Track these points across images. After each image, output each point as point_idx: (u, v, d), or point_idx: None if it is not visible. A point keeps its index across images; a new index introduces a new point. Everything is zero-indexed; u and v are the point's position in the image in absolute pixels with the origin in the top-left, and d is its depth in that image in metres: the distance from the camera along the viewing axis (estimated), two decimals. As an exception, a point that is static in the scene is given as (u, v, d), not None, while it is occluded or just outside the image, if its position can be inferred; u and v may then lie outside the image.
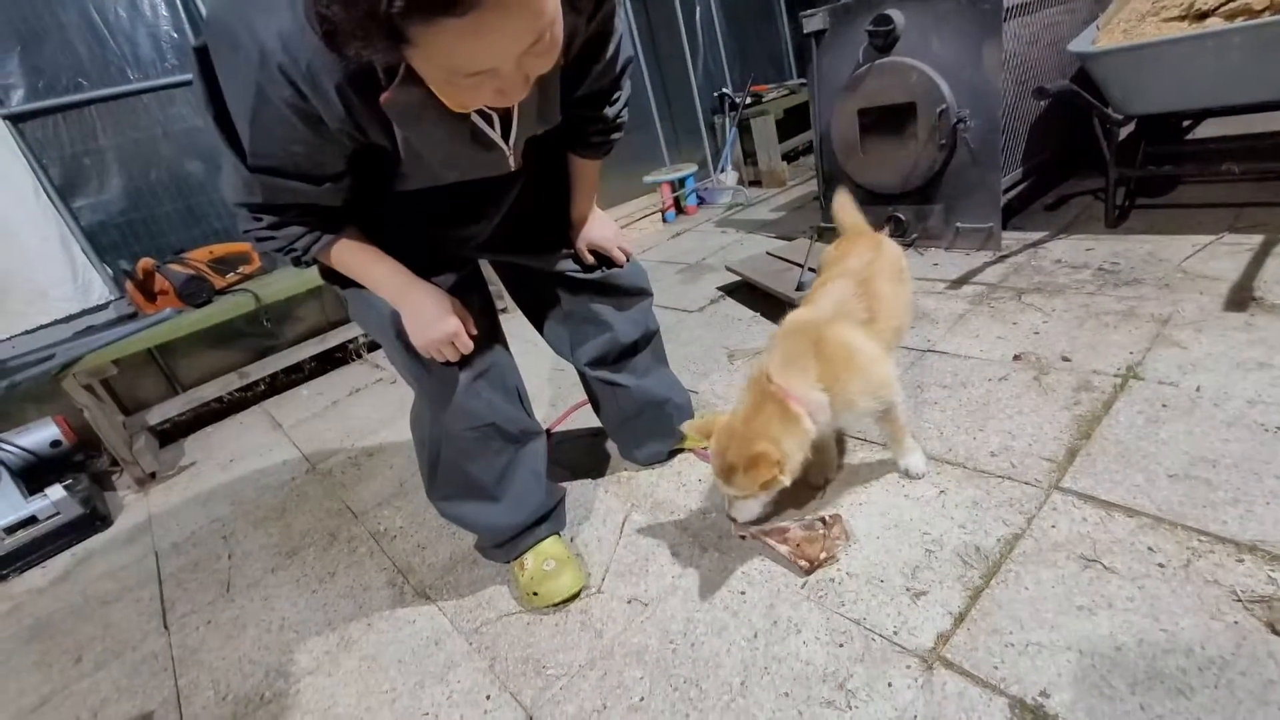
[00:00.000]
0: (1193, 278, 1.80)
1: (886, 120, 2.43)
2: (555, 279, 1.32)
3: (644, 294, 1.41)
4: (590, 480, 1.64)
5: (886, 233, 1.55)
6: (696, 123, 4.43)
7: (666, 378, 1.54)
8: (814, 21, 2.53)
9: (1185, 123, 2.71)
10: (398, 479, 1.91)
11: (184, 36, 2.55)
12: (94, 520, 2.10)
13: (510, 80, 0.70)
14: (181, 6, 2.54)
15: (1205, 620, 0.93)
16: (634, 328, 1.40)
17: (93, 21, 2.40)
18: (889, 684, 0.96)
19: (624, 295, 1.37)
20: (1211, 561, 1.01)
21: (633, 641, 1.16)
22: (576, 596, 1.29)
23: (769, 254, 2.62)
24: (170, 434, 2.73)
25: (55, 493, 2.03)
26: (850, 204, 1.57)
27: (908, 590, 1.11)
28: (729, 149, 4.32)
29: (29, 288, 2.39)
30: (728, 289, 2.69)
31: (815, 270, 1.63)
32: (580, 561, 1.37)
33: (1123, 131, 2.19)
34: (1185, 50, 1.82)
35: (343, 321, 3.02)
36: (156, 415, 2.55)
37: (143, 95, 2.52)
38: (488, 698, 1.13)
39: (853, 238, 1.45)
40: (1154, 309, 1.71)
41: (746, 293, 2.58)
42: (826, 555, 1.20)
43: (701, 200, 4.31)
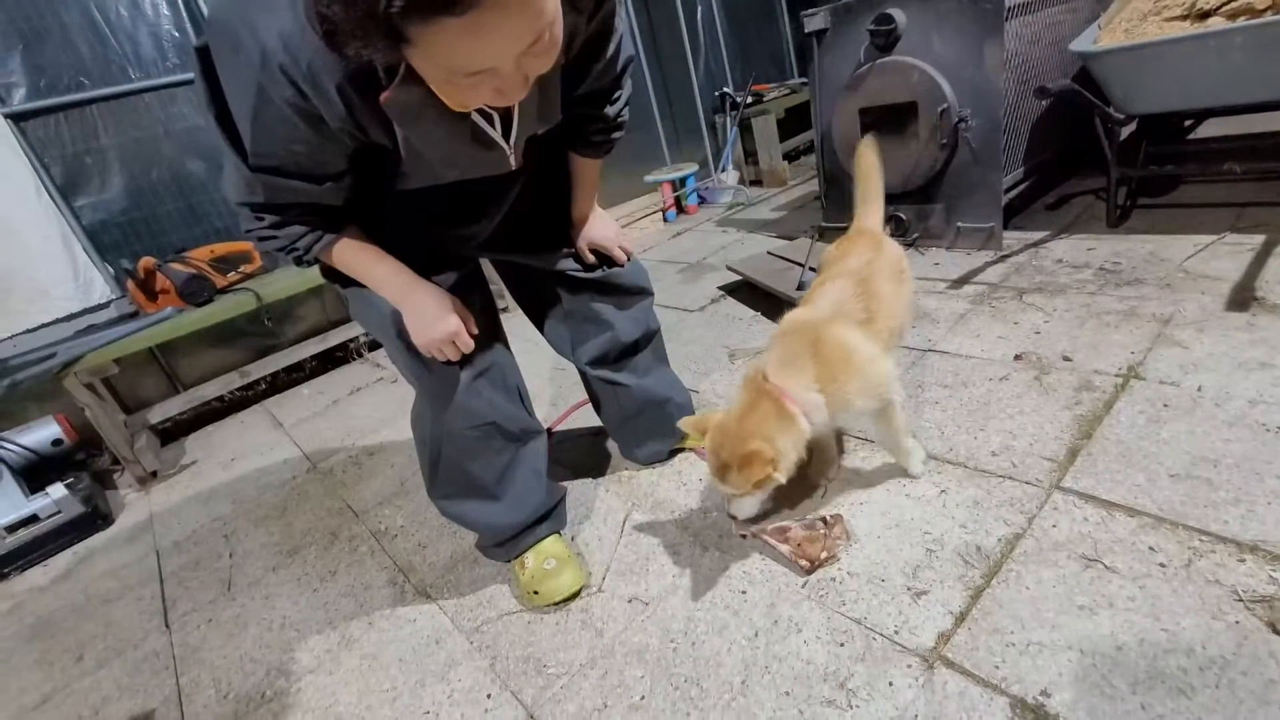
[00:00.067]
0: (1194, 277, 1.80)
1: (888, 120, 2.43)
2: (556, 278, 1.32)
3: (645, 293, 1.41)
4: (591, 479, 1.65)
5: (887, 232, 1.54)
6: (697, 122, 4.43)
7: (667, 377, 1.54)
8: (815, 21, 2.53)
9: (1187, 122, 2.70)
10: (398, 478, 1.92)
11: (185, 35, 2.56)
12: (95, 519, 2.11)
13: (510, 80, 0.70)
14: (183, 5, 2.54)
15: (1206, 620, 0.93)
16: (635, 327, 1.40)
17: (94, 20, 2.40)
18: (890, 683, 0.97)
19: (625, 294, 1.37)
20: (1213, 561, 1.01)
21: (633, 640, 1.16)
22: (577, 595, 1.29)
23: (770, 253, 2.62)
24: (171, 433, 2.73)
25: (57, 491, 2.03)
26: (873, 152, 1.48)
27: (909, 590, 1.11)
28: (730, 148, 4.31)
29: (30, 286, 2.39)
30: (728, 288, 2.69)
31: (816, 270, 1.62)
32: (581, 560, 1.37)
33: (1124, 131, 2.19)
34: (1187, 50, 1.82)
35: (344, 320, 3.02)
36: (158, 414, 2.55)
37: (144, 94, 2.52)
38: (488, 696, 1.13)
39: (853, 237, 1.44)
40: (1155, 309, 1.71)
41: (747, 292, 2.58)
42: (827, 555, 1.20)
43: (702, 200, 4.30)
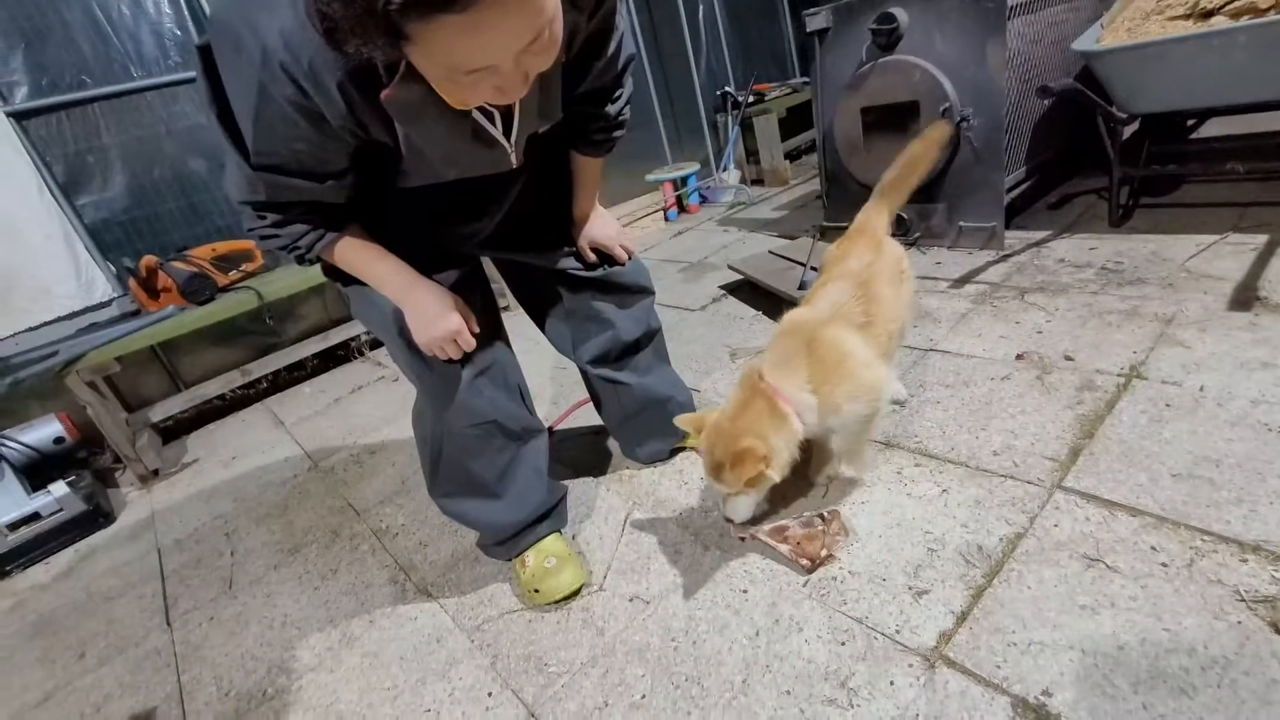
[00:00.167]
0: (1196, 277, 1.80)
1: (889, 119, 2.43)
2: (557, 277, 1.32)
3: (646, 292, 1.41)
4: (592, 478, 1.65)
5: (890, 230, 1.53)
6: (699, 121, 4.42)
7: (668, 376, 1.54)
8: (817, 20, 2.53)
9: (1189, 122, 2.70)
10: (399, 476, 1.92)
11: (187, 34, 2.56)
12: (97, 517, 2.11)
13: (509, 78, 0.70)
14: (184, 4, 2.54)
15: (1208, 620, 0.93)
16: (636, 326, 1.40)
17: (96, 19, 2.40)
18: (891, 683, 0.96)
19: (626, 293, 1.37)
20: (1215, 561, 1.01)
21: (634, 639, 1.16)
22: (578, 594, 1.29)
23: (771, 253, 2.62)
24: (173, 431, 2.74)
25: (58, 489, 2.04)
26: (935, 146, 1.48)
27: (910, 589, 1.11)
28: (731, 147, 4.31)
29: (32, 285, 2.39)
30: (730, 288, 2.69)
31: (817, 269, 1.62)
32: (582, 559, 1.37)
33: (1127, 130, 2.19)
34: (1190, 49, 1.81)
35: (345, 319, 3.02)
36: (159, 412, 2.56)
37: (146, 93, 2.52)
38: (489, 695, 1.13)
39: (854, 236, 1.44)
40: (1157, 308, 1.70)
41: (749, 291, 2.58)
42: (827, 552, 1.20)
43: (704, 199, 4.30)
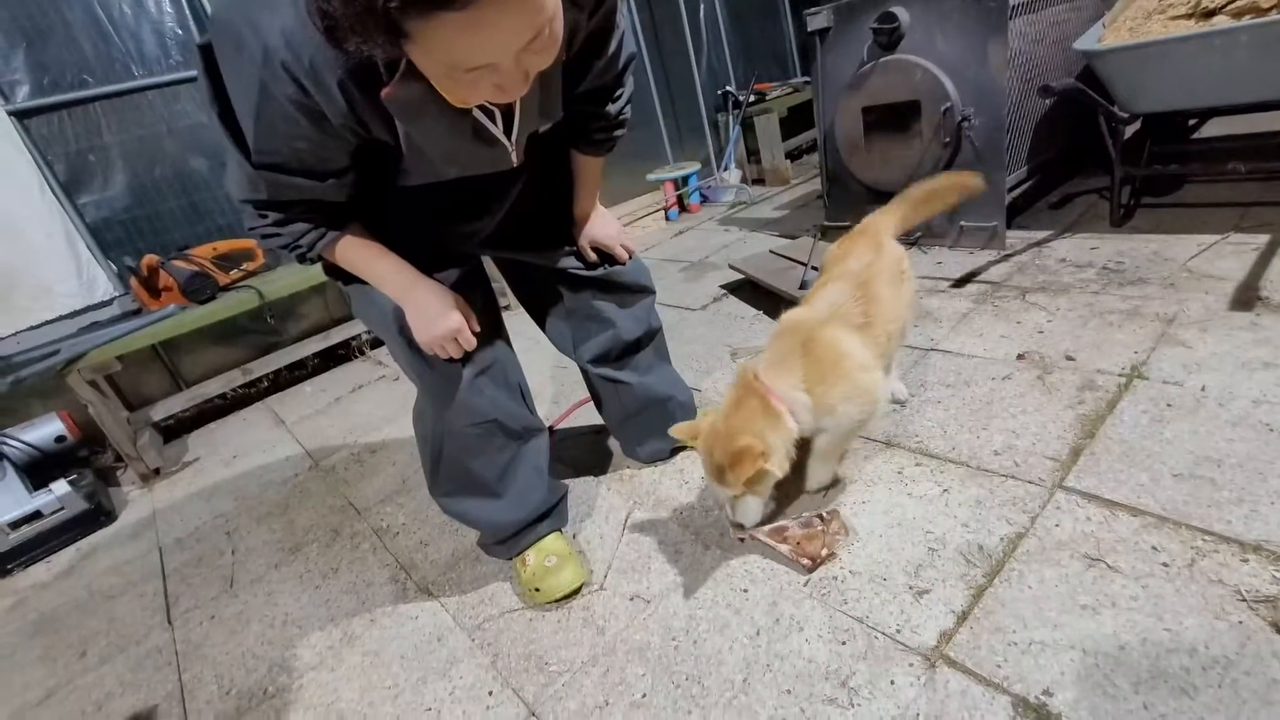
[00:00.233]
0: (1198, 277, 1.80)
1: (891, 118, 2.43)
2: (558, 276, 1.32)
3: (646, 291, 1.41)
4: (592, 477, 1.65)
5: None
6: (700, 120, 4.42)
7: (669, 375, 1.54)
8: (818, 19, 2.53)
9: (1191, 121, 2.69)
10: (400, 475, 1.92)
11: (188, 33, 2.56)
12: (98, 515, 2.11)
13: (509, 76, 0.70)
14: (185, 3, 2.55)
15: (1209, 620, 0.93)
16: (636, 325, 1.40)
17: (97, 18, 2.40)
18: (891, 682, 0.96)
19: (626, 292, 1.37)
20: (1216, 561, 1.01)
21: (635, 638, 1.16)
22: (578, 593, 1.29)
23: (772, 252, 2.61)
24: (174, 430, 2.74)
25: (60, 488, 2.04)
26: (959, 190, 1.52)
27: (910, 588, 1.11)
28: (732, 147, 4.31)
29: (34, 284, 2.39)
30: (730, 287, 2.68)
31: (818, 269, 1.62)
32: (582, 558, 1.37)
33: (1128, 130, 2.18)
34: (1191, 49, 1.81)
35: (346, 318, 3.02)
36: (160, 411, 2.56)
37: (147, 92, 2.53)
38: (490, 694, 1.13)
39: (855, 236, 1.44)
40: (1159, 308, 1.70)
41: (749, 291, 2.58)
42: (827, 551, 1.20)
43: (704, 198, 4.30)
